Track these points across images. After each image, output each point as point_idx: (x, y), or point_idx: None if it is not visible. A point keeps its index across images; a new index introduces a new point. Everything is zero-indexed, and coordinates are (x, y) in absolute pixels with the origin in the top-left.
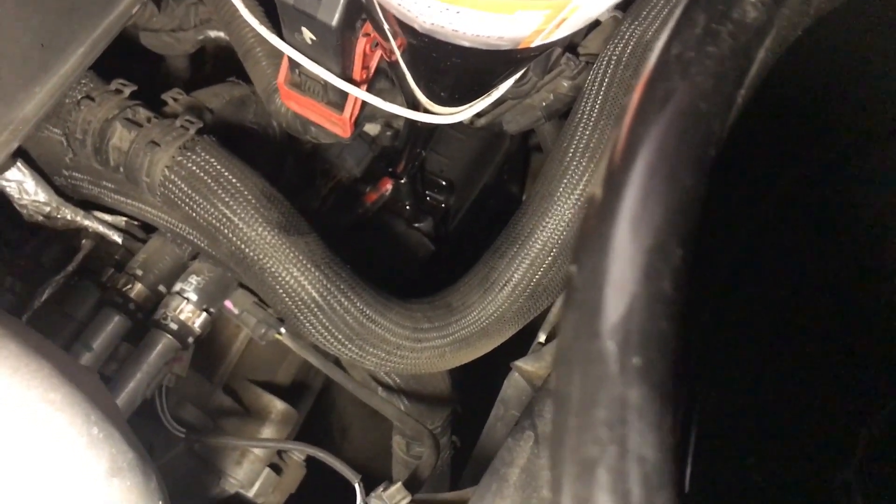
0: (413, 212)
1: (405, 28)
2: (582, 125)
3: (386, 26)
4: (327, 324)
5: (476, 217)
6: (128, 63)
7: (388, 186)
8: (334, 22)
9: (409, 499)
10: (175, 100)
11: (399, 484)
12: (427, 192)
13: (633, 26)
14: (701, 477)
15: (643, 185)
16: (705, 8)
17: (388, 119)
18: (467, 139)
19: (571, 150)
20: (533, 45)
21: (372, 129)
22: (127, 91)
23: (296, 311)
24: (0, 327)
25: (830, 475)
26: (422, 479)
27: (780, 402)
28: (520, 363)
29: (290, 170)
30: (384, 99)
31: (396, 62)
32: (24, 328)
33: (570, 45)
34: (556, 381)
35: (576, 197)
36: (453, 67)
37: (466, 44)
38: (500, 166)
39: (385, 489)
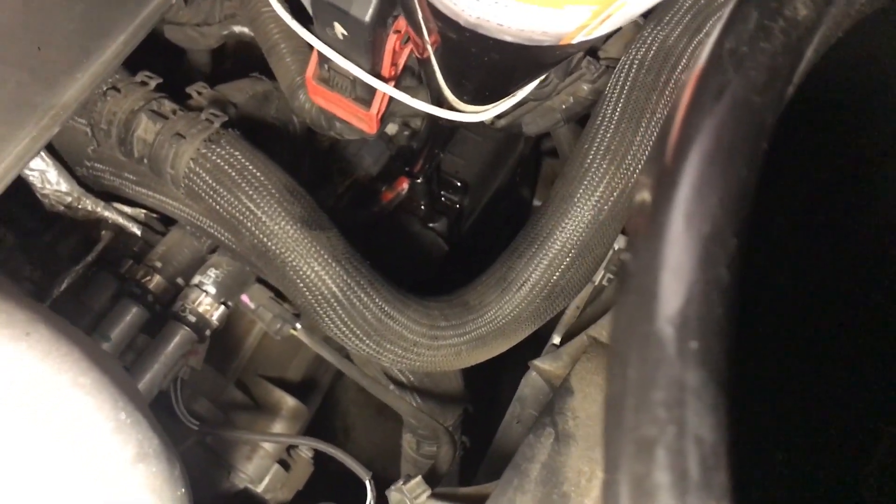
0: (428, 212)
1: (448, 22)
2: (603, 128)
3: (422, 21)
4: (346, 319)
5: (487, 219)
6: (149, 56)
7: (405, 186)
8: (368, 17)
9: (428, 492)
10: (199, 93)
11: (419, 478)
12: (442, 192)
13: (655, 30)
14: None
15: (700, 173)
16: (757, 4)
17: (406, 118)
18: (483, 141)
19: (592, 153)
20: (574, 41)
21: (390, 128)
22: (153, 83)
23: (315, 305)
24: (30, 311)
25: (854, 470)
26: (440, 474)
27: (806, 400)
28: (538, 362)
29: (307, 167)
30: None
31: (428, 58)
32: (52, 313)
33: (591, 48)
34: (611, 364)
35: (595, 199)
36: (489, 64)
37: (509, 38)
38: (514, 169)
39: (405, 482)
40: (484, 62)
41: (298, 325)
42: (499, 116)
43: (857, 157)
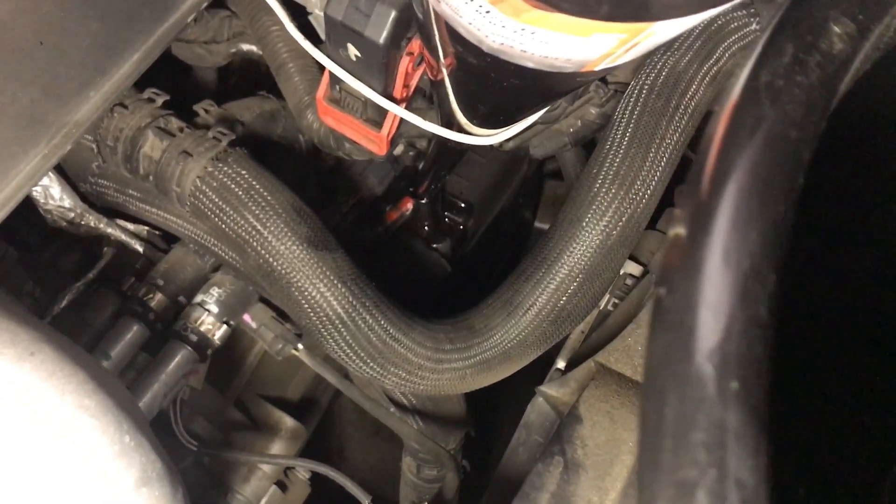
0: (432, 232)
1: (468, 47)
2: (612, 152)
3: (439, 44)
4: (351, 341)
5: (490, 240)
6: (156, 72)
7: (409, 206)
8: (382, 40)
9: None
10: (207, 111)
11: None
12: (446, 213)
13: (665, 55)
14: None
15: (738, 208)
16: (792, 37)
17: (412, 139)
18: (488, 162)
19: (601, 177)
20: (597, 68)
21: (395, 148)
22: (160, 100)
23: (320, 326)
24: (35, 331)
25: (880, 476)
26: (447, 501)
27: (825, 433)
28: (545, 389)
29: (312, 185)
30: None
31: (441, 80)
32: (57, 333)
33: None
34: (645, 402)
35: (604, 224)
36: (506, 89)
37: (531, 65)
38: (517, 191)
39: None
40: (501, 87)
41: (300, 346)
42: (507, 139)
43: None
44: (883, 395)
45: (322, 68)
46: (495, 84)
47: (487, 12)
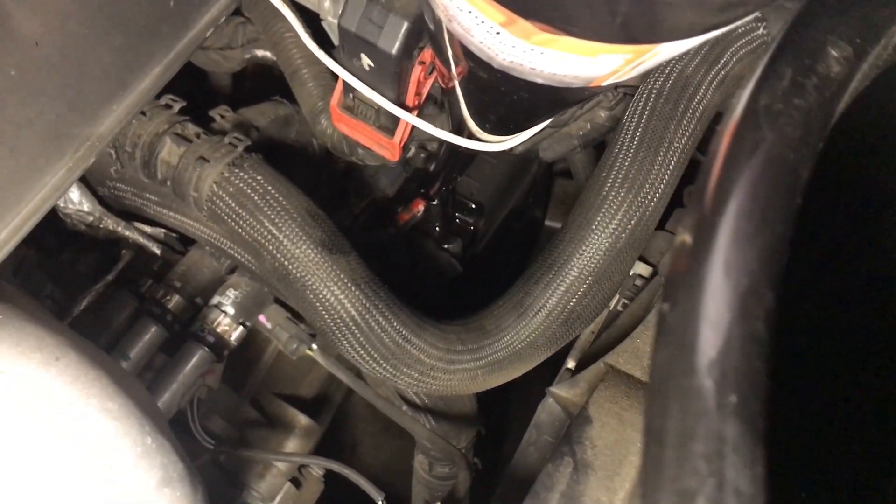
0: (443, 233)
1: (479, 63)
2: (621, 156)
3: (451, 55)
4: (364, 343)
5: (500, 240)
6: (171, 79)
7: (420, 207)
8: (395, 50)
9: None
10: (223, 116)
11: (438, 503)
12: (457, 214)
13: (673, 61)
14: None
15: (736, 228)
16: (791, 61)
17: (423, 141)
18: (498, 163)
19: (610, 181)
20: (604, 83)
21: (407, 151)
22: (176, 107)
23: (334, 328)
24: (60, 336)
25: (884, 484)
26: (459, 499)
27: (827, 438)
28: (555, 389)
29: (325, 188)
30: (431, 124)
31: (453, 89)
32: (80, 337)
33: None
34: (649, 413)
35: (613, 227)
36: (516, 101)
37: (540, 81)
38: (527, 190)
39: None
40: (511, 99)
41: (314, 346)
42: (518, 144)
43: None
44: (887, 401)
45: (335, 74)
46: (505, 96)
47: (498, 33)
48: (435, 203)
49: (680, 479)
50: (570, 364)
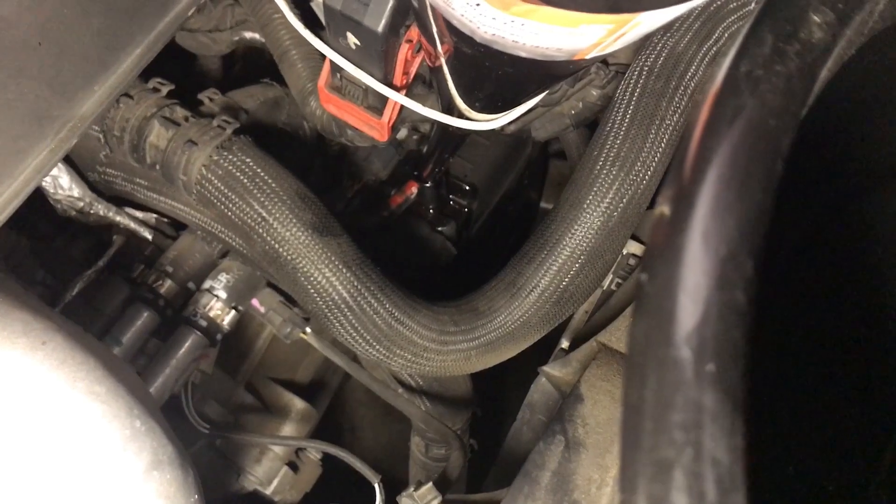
0: (436, 216)
1: (462, 37)
2: (612, 134)
3: (435, 32)
4: (356, 324)
5: (495, 221)
6: (159, 62)
7: (414, 190)
8: (380, 28)
9: (439, 499)
10: (211, 99)
11: (430, 484)
12: (451, 196)
13: (664, 37)
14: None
15: (716, 196)
16: (772, 28)
17: (416, 123)
18: (491, 145)
19: (602, 159)
20: (588, 56)
21: (399, 132)
22: (164, 90)
23: (326, 310)
24: (47, 320)
25: (864, 480)
26: (451, 479)
27: (815, 412)
28: (547, 368)
29: (317, 171)
30: (419, 104)
31: (440, 67)
32: (68, 322)
33: None
34: (627, 385)
35: (605, 205)
36: (502, 76)
37: (523, 54)
38: (521, 172)
39: (416, 489)
40: (497, 75)
41: (308, 329)
42: (509, 123)
43: (865, 173)
44: (878, 378)
45: (324, 55)
46: (491, 71)
47: (478, 5)
48: (428, 185)
49: (657, 450)
50: (565, 344)
